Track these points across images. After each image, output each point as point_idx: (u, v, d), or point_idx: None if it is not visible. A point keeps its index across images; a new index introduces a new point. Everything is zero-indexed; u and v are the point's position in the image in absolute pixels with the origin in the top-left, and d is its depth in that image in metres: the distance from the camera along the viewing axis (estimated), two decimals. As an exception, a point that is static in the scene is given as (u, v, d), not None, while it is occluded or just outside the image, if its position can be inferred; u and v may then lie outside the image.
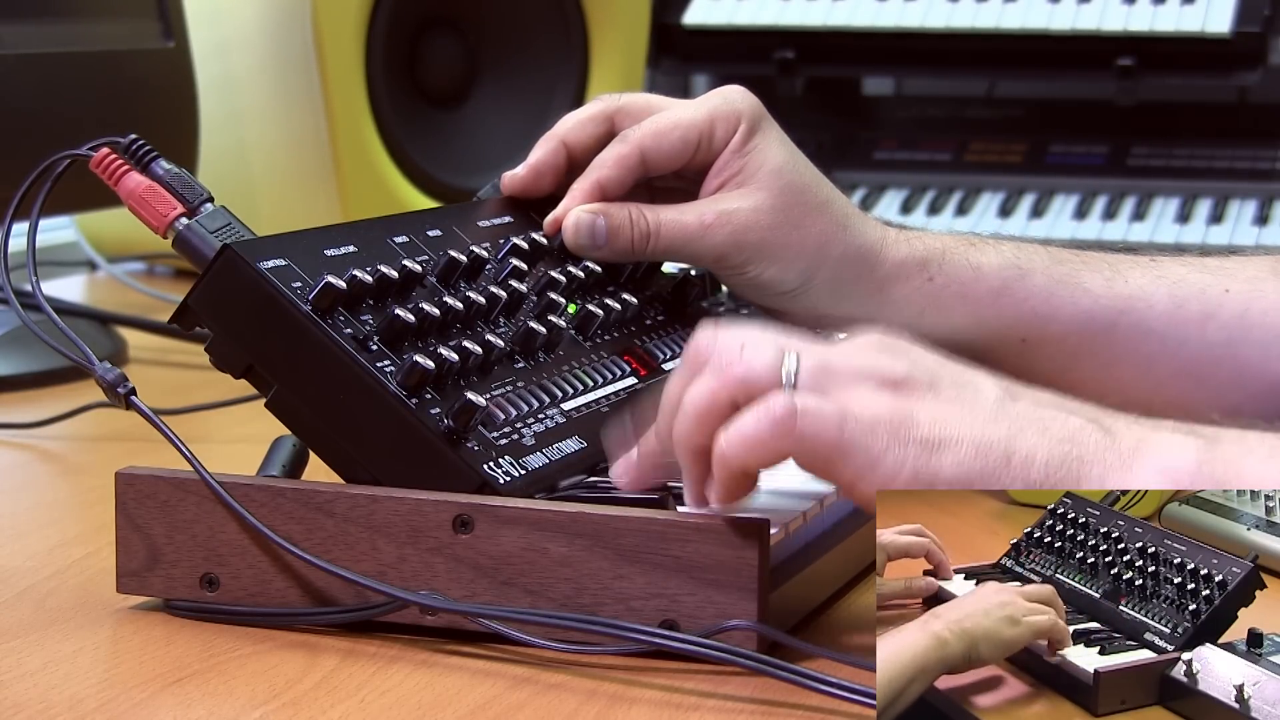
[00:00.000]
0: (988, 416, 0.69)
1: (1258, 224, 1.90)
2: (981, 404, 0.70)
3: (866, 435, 0.68)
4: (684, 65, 2.13)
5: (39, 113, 1.33)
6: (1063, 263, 0.98)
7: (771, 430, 0.68)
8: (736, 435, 0.69)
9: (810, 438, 0.68)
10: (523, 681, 0.72)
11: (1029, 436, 0.69)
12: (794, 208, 0.95)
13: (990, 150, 2.08)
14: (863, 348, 0.72)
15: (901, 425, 0.69)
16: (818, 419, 0.68)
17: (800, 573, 0.77)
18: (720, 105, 0.96)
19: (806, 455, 0.69)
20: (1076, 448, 0.69)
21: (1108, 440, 0.69)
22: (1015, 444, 0.69)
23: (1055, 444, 0.69)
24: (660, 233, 0.94)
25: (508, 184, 0.97)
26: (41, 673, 0.73)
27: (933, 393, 0.70)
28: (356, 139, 1.55)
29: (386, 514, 0.75)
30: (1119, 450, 0.69)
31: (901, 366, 0.71)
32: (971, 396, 0.70)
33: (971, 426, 0.69)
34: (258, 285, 0.78)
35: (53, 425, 1.15)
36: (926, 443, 0.68)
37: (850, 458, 0.68)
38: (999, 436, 0.69)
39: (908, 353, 0.72)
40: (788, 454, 0.69)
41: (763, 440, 0.69)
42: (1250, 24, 1.91)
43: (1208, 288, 0.96)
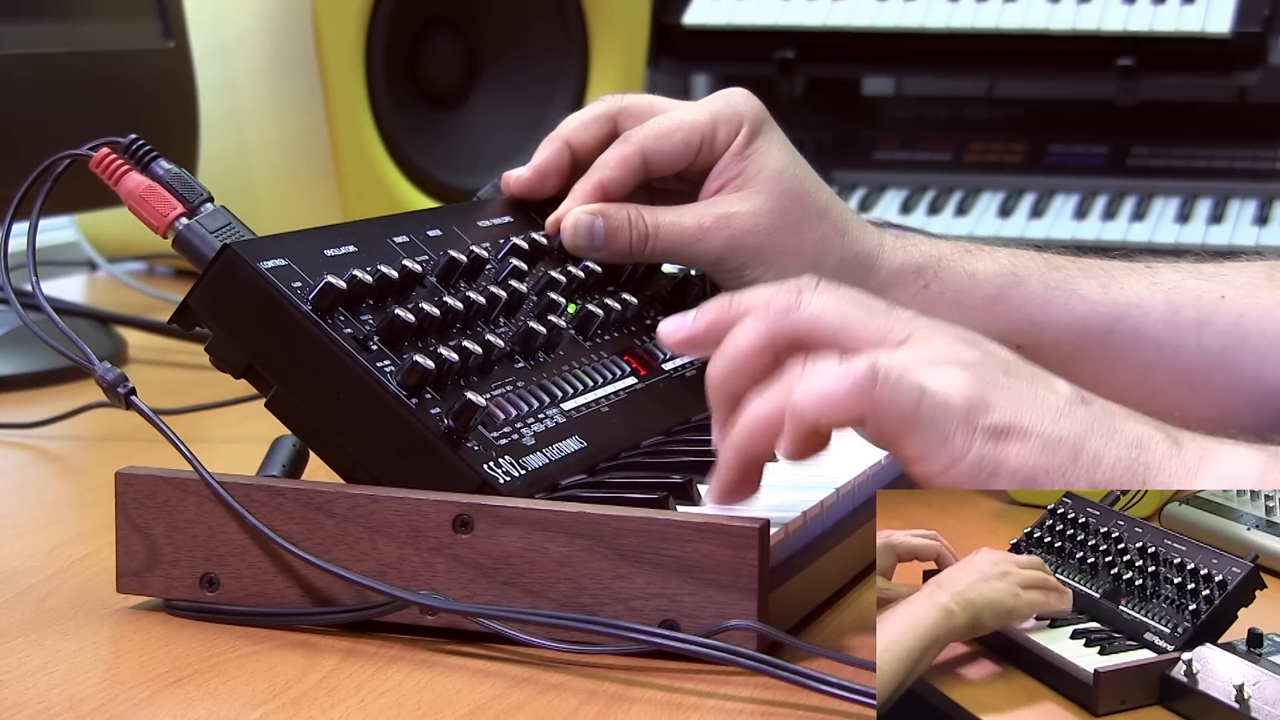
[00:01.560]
0: (1060, 412, 0.69)
1: (1258, 224, 1.90)
2: (1055, 400, 0.70)
3: (940, 414, 0.68)
4: (684, 65, 2.13)
5: (39, 113, 1.33)
6: (1058, 269, 0.98)
7: (849, 391, 0.68)
8: (814, 390, 0.68)
9: (886, 405, 0.68)
10: (523, 681, 0.72)
11: (1098, 438, 0.69)
12: (792, 212, 0.95)
13: (990, 150, 2.08)
14: (941, 332, 0.72)
15: (975, 409, 0.68)
16: (898, 388, 0.67)
17: (800, 573, 0.77)
18: (723, 108, 0.96)
19: (877, 423, 0.68)
20: (1144, 454, 0.69)
21: (1174, 449, 0.70)
22: (1085, 443, 0.69)
23: (1124, 448, 0.69)
24: (659, 234, 0.94)
25: (512, 186, 0.97)
26: (41, 673, 0.73)
27: (1009, 379, 0.70)
28: (356, 139, 1.55)
29: (386, 514, 0.75)
30: (1184, 459, 0.69)
31: (978, 353, 0.71)
32: (1046, 391, 0.70)
33: (1042, 420, 0.69)
34: (258, 285, 0.78)
35: (53, 425, 1.15)
36: (996, 430, 0.68)
37: (919, 434, 0.68)
38: (1068, 433, 0.68)
39: (981, 343, 0.72)
40: (861, 417, 0.68)
41: (839, 399, 0.68)
42: (1250, 24, 1.91)
43: (1203, 294, 0.97)
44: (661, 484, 0.77)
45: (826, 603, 0.81)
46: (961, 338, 0.72)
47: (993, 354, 0.71)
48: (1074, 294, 0.97)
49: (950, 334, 0.72)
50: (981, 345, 0.72)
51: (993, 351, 0.72)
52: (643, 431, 0.87)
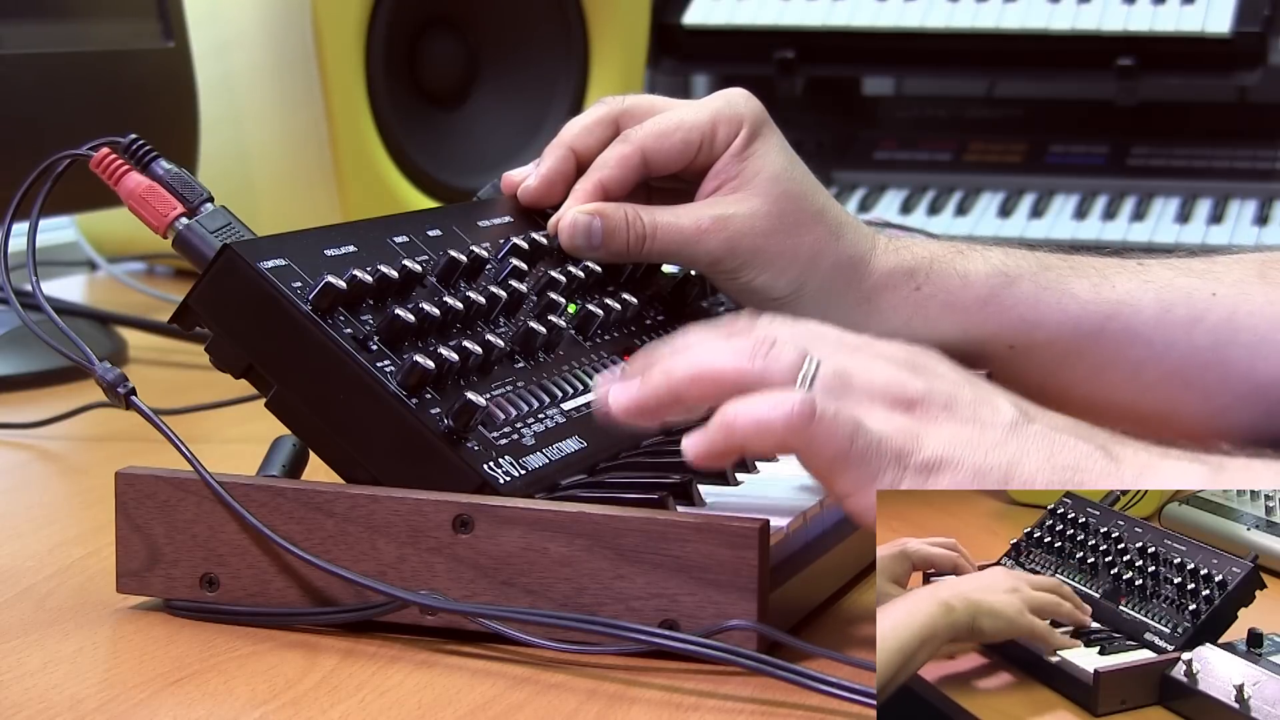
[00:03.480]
0: (995, 441, 0.70)
1: (1258, 224, 1.90)
2: (994, 426, 0.70)
3: (873, 452, 0.69)
4: (684, 65, 2.13)
5: (39, 113, 1.33)
6: (1050, 269, 0.98)
7: (785, 423, 0.68)
8: (750, 415, 0.69)
9: (820, 442, 0.69)
10: (523, 681, 0.72)
11: (1032, 461, 0.69)
12: (789, 215, 0.95)
13: (990, 150, 2.08)
14: (887, 360, 0.72)
15: (905, 448, 0.69)
16: (832, 426, 0.68)
17: (800, 573, 0.77)
18: (723, 108, 0.96)
19: (809, 457, 0.69)
20: (1077, 474, 0.69)
21: (1111, 467, 0.70)
22: (1015, 470, 0.69)
23: (1057, 470, 0.69)
24: (656, 235, 0.94)
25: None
26: (41, 673, 0.73)
27: (947, 413, 0.70)
28: (356, 139, 1.55)
29: (386, 514, 0.75)
30: (1120, 478, 0.69)
31: (920, 385, 0.71)
32: (987, 418, 0.70)
33: (975, 451, 0.69)
34: (258, 285, 0.78)
35: (53, 425, 1.15)
36: (925, 466, 0.69)
37: (850, 471, 0.69)
38: (1001, 462, 0.69)
39: (930, 370, 0.72)
40: (791, 450, 0.69)
41: (774, 430, 0.69)
42: (1250, 24, 1.91)
43: (1194, 291, 0.97)
44: (661, 484, 0.77)
45: (826, 603, 0.81)
46: (910, 365, 0.72)
47: (938, 384, 0.71)
48: (1066, 293, 0.97)
49: (899, 363, 0.72)
50: (928, 372, 0.72)
51: (938, 380, 0.72)
52: (643, 431, 0.87)
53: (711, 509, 0.77)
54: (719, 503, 0.78)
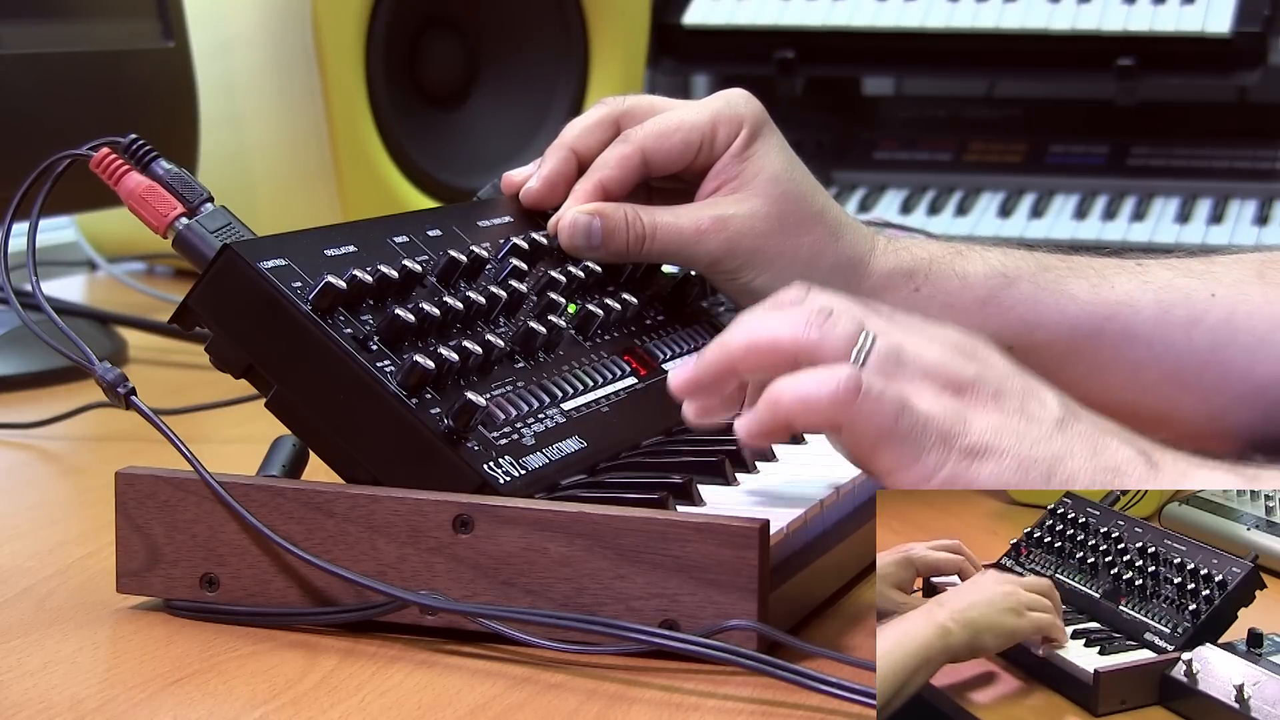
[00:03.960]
0: (1042, 434, 0.70)
1: (1258, 224, 1.90)
2: (1041, 420, 0.70)
3: (917, 431, 0.69)
4: (684, 65, 2.13)
5: (39, 113, 1.33)
6: (1049, 270, 0.98)
7: (831, 399, 0.69)
8: (797, 391, 0.69)
9: (864, 419, 0.69)
10: (523, 681, 0.72)
11: (1076, 460, 0.69)
12: (788, 217, 0.96)
13: (990, 150, 2.08)
14: (940, 342, 0.72)
15: (952, 430, 0.69)
16: (878, 403, 0.68)
17: (800, 573, 0.77)
18: (723, 109, 0.96)
19: (853, 435, 0.69)
20: (1118, 477, 0.69)
21: (1151, 474, 0.70)
22: (1059, 466, 0.69)
23: (1098, 471, 0.69)
24: (656, 235, 0.94)
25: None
26: (41, 673, 0.73)
27: (995, 402, 0.70)
28: (356, 139, 1.55)
29: (386, 514, 0.75)
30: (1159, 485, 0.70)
31: (971, 370, 0.71)
32: (1035, 411, 0.71)
33: (1021, 442, 0.69)
34: (258, 285, 0.78)
35: (53, 425, 1.15)
36: (971, 450, 0.69)
37: (894, 449, 0.69)
38: (1046, 455, 0.69)
39: (981, 357, 0.72)
40: (837, 426, 0.70)
41: (820, 405, 0.69)
42: (1250, 24, 1.91)
43: (1193, 292, 0.97)
44: (661, 484, 0.77)
45: (826, 603, 0.81)
46: (962, 350, 0.72)
47: (988, 372, 0.71)
48: (1064, 294, 0.97)
49: (951, 346, 0.72)
50: (979, 359, 0.72)
51: (989, 368, 0.72)
52: (643, 431, 0.87)
53: (712, 509, 0.77)
54: (719, 503, 0.78)
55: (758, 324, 0.73)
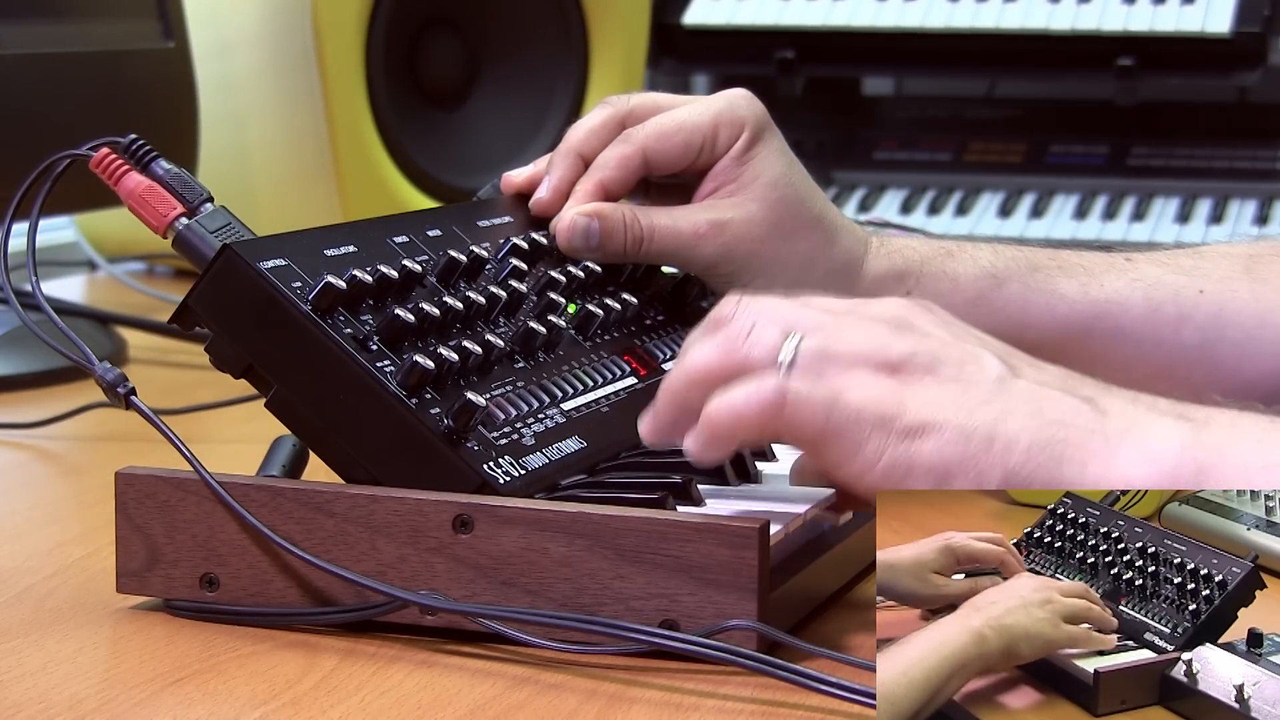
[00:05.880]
0: (981, 398, 0.69)
1: (1258, 224, 1.90)
2: (979, 383, 0.70)
3: (851, 423, 0.69)
4: (684, 65, 2.13)
5: (39, 113, 1.33)
6: (1039, 269, 0.99)
7: (759, 410, 0.69)
8: (726, 407, 0.70)
9: (797, 424, 0.69)
10: (523, 681, 0.72)
11: (1018, 418, 0.68)
12: (786, 223, 0.96)
13: (990, 150, 2.08)
14: (872, 321, 0.72)
15: (889, 413, 0.69)
16: (805, 406, 0.69)
17: (800, 573, 0.77)
18: (725, 110, 0.96)
19: (795, 439, 0.70)
20: (1064, 429, 0.68)
21: (1098, 422, 0.69)
22: (1001, 427, 0.68)
23: (1043, 426, 0.68)
24: (654, 238, 0.94)
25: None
26: (41, 673, 0.73)
27: (931, 375, 0.70)
28: (356, 139, 1.55)
29: (386, 514, 0.75)
30: (1106, 434, 0.68)
31: (906, 345, 0.70)
32: (972, 375, 0.70)
33: (959, 412, 0.68)
34: (258, 285, 0.78)
35: (53, 425, 1.15)
36: (909, 430, 0.68)
37: (833, 444, 0.69)
38: (985, 420, 0.68)
39: (917, 328, 0.72)
40: (775, 435, 0.70)
41: (750, 418, 0.70)
42: (1250, 24, 1.91)
43: (1182, 289, 0.97)
44: (661, 484, 0.77)
45: (826, 603, 0.81)
46: (899, 324, 0.72)
47: (923, 343, 0.71)
48: (1054, 294, 0.98)
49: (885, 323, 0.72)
50: (916, 330, 0.71)
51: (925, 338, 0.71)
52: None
53: (712, 509, 0.77)
54: (719, 503, 0.78)
55: (691, 356, 0.73)
